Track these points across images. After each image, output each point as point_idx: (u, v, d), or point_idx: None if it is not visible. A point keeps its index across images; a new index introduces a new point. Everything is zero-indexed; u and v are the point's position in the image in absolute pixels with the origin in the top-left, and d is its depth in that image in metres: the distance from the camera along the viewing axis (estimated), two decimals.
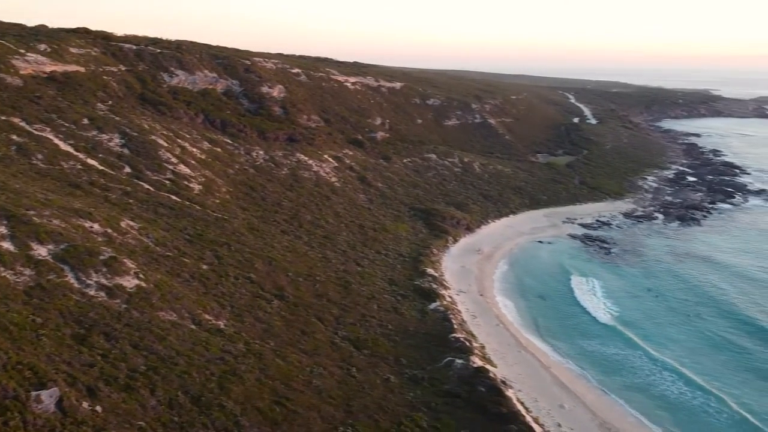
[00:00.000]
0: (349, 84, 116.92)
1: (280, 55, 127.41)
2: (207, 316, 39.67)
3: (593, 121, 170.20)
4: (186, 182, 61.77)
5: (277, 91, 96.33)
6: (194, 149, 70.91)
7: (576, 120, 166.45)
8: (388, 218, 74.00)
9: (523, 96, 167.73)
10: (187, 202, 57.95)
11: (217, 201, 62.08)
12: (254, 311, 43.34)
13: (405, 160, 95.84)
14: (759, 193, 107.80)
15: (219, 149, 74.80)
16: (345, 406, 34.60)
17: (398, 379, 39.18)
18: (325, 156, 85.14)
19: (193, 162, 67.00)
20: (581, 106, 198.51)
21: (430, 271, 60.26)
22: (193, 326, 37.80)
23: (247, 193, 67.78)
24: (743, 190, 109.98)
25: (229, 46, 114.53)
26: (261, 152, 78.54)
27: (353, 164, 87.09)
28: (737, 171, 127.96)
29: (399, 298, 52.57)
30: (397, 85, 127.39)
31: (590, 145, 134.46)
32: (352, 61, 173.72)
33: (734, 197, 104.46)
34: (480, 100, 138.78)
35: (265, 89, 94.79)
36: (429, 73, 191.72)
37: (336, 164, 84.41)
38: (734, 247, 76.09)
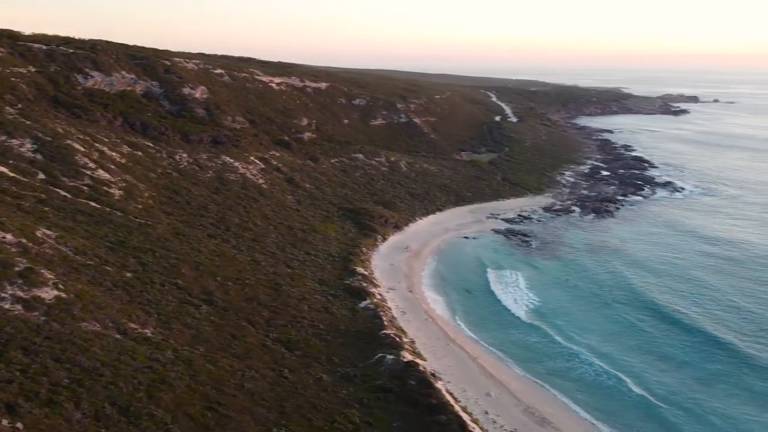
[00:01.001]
0: (274, 84, 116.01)
1: (201, 55, 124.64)
2: (132, 325, 38.80)
3: (514, 119, 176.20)
4: (106, 188, 59.80)
5: (199, 93, 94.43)
6: (113, 153, 68.59)
7: (498, 118, 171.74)
8: (317, 219, 74.27)
9: (447, 95, 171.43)
10: (108, 209, 56.14)
11: (140, 206, 60.44)
12: (182, 317, 42.71)
13: (332, 161, 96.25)
14: (665, 185, 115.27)
15: (140, 153, 72.67)
16: (278, 407, 34.84)
17: (331, 377, 39.73)
18: (252, 158, 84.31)
19: (112, 167, 64.84)
20: (503, 104, 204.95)
21: (359, 269, 61.08)
22: (118, 336, 36.91)
23: (171, 198, 66.28)
24: (651, 182, 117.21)
25: (147, 45, 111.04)
26: (185, 155, 76.89)
27: (280, 165, 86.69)
28: (646, 165, 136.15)
29: (330, 298, 53.06)
30: (323, 85, 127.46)
31: (511, 142, 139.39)
32: (276, 60, 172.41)
33: (644, 189, 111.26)
34: (405, 99, 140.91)
35: (187, 90, 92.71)
36: (353, 73, 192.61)
37: (263, 166, 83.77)
38: (643, 237, 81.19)
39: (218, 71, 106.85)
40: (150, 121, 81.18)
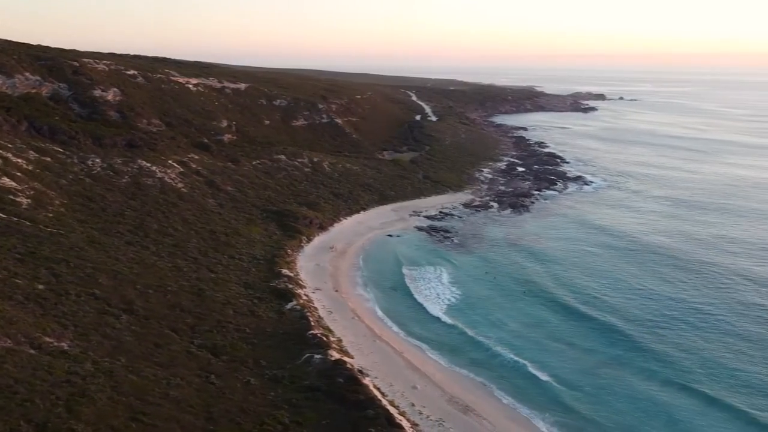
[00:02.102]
0: (190, 86, 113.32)
1: (112, 56, 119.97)
2: (47, 339, 37.38)
3: (434, 118, 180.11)
4: (11, 196, 56.85)
5: (111, 95, 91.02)
6: (19, 160, 65.18)
7: (418, 117, 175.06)
8: (240, 222, 73.48)
9: (367, 95, 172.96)
10: (15, 218, 53.46)
11: (50, 215, 57.86)
12: (101, 328, 41.49)
13: (254, 162, 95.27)
14: (576, 179, 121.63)
15: (49, 158, 69.38)
16: (205, 413, 34.62)
17: (259, 380, 39.79)
18: (170, 161, 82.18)
19: (18, 174, 61.64)
20: (422, 104, 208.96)
21: (285, 271, 61.11)
22: (32, 351, 35.49)
23: (84, 205, 63.78)
24: (564, 177, 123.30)
25: (52, 45, 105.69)
26: (98, 160, 74.04)
27: (200, 168, 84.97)
28: (558, 160, 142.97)
29: (255, 301, 52.87)
30: (242, 86, 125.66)
31: (432, 141, 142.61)
32: (192, 60, 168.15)
33: (556, 184, 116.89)
34: (326, 100, 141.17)
35: (98, 92, 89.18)
36: (273, 73, 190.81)
37: (182, 169, 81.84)
38: (555, 231, 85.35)
39: (131, 72, 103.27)
40: (59, 125, 77.56)
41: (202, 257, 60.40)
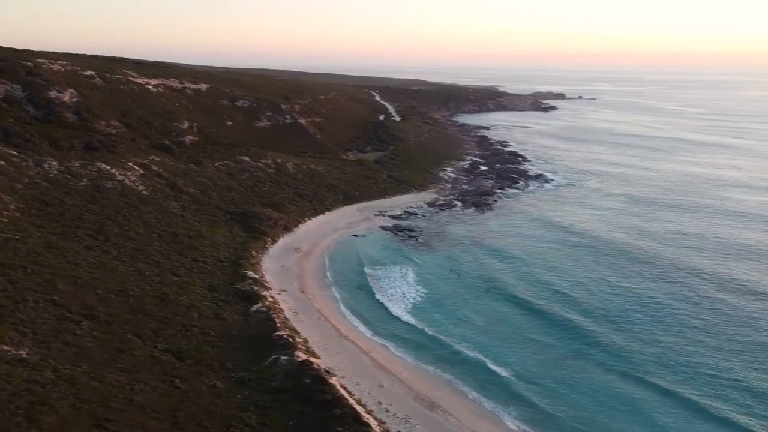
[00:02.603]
0: (150, 86, 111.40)
1: (68, 56, 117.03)
2: (5, 347, 36.52)
3: (397, 118, 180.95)
4: None
5: (68, 96, 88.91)
6: None
7: (382, 117, 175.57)
8: (204, 224, 72.73)
9: (331, 95, 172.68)
10: None
11: (5, 220, 56.35)
12: (62, 335, 40.70)
13: (217, 164, 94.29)
14: (537, 177, 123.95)
15: (2, 162, 67.46)
16: (171, 418, 34.37)
17: (225, 383, 39.64)
18: (130, 164, 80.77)
19: None
20: (386, 103, 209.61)
21: (250, 273, 60.81)
22: None
23: (41, 209, 62.26)
24: (525, 175, 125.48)
25: (4, 45, 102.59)
26: (54, 163, 72.31)
27: (162, 171, 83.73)
28: (520, 159, 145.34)
29: (220, 304, 52.51)
30: (203, 86, 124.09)
31: (396, 141, 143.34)
32: (152, 60, 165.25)
33: (518, 182, 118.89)
34: (289, 100, 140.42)
35: (53, 94, 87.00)
36: (235, 74, 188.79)
37: (143, 172, 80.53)
38: (517, 229, 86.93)
39: (88, 73, 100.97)
40: (12, 128, 75.42)
41: (165, 261, 59.64)
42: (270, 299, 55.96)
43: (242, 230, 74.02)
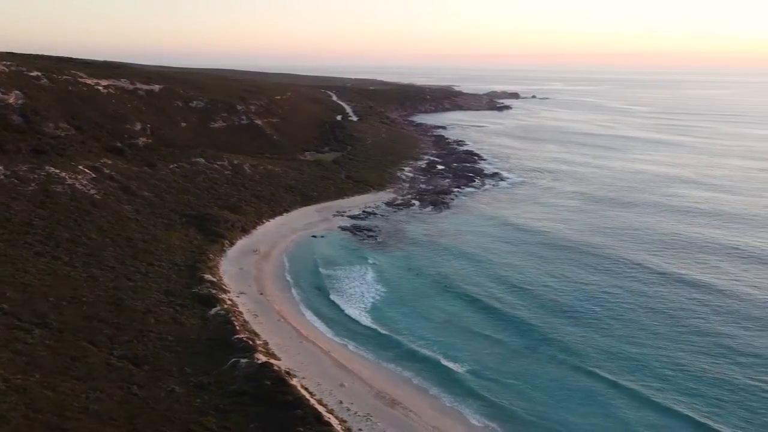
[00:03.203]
0: (101, 87, 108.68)
1: (12, 56, 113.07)
2: None
3: (355, 118, 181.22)
4: None
5: (13, 98, 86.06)
6: None
7: (339, 118, 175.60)
8: (159, 228, 71.54)
9: (287, 95, 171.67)
10: None
11: None
12: (12, 344, 39.64)
13: (172, 166, 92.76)
14: (493, 176, 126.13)
15: None
16: (128, 425, 33.94)
17: (184, 388, 39.29)
18: (80, 167, 78.76)
19: None
20: (343, 104, 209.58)
21: (208, 276, 60.21)
22: None
23: None
24: (481, 174, 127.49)
25: None
26: (0, 167, 69.90)
27: (114, 174, 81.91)
28: (476, 158, 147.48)
29: (178, 308, 51.87)
30: (156, 87, 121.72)
31: (353, 141, 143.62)
32: (101, 60, 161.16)
33: (475, 181, 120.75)
34: (245, 101, 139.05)
35: None
36: (189, 74, 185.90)
37: (94, 175, 78.63)
38: (474, 227, 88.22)
39: (34, 74, 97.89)
40: None
41: (120, 266, 58.50)
42: (228, 302, 55.56)
43: (199, 233, 73.11)
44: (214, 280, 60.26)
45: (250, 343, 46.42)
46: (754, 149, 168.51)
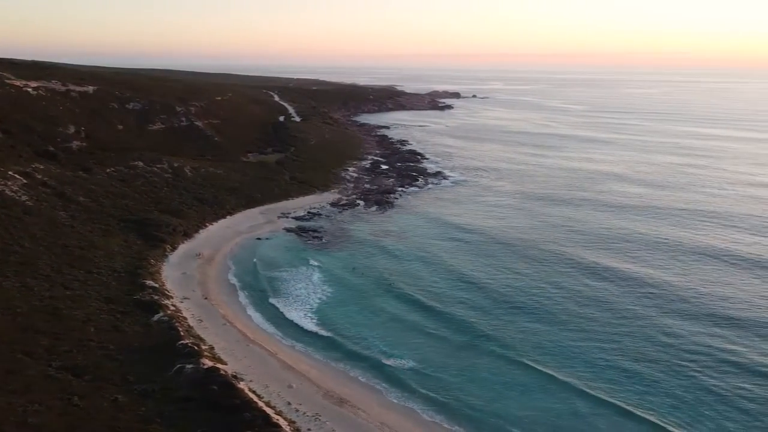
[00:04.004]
0: (30, 89, 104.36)
1: None
2: None
3: (298, 119, 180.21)
4: None
5: None
6: None
7: (282, 118, 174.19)
8: (97, 234, 69.54)
9: (228, 96, 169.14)
10: None
11: None
12: None
13: (109, 170, 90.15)
14: (436, 175, 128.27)
15: None
16: None
17: (127, 397, 38.62)
18: (10, 172, 75.56)
19: None
20: (286, 104, 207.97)
21: (149, 282, 59.07)
22: None
23: None
24: (424, 173, 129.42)
25: None
26: None
27: (47, 179, 78.96)
28: (419, 157, 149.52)
29: (119, 316, 50.76)
30: (90, 88, 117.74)
31: (297, 141, 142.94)
32: (30, 60, 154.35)
33: (418, 180, 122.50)
34: (185, 102, 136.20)
35: None
36: (125, 74, 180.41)
37: (26, 181, 75.61)
38: (417, 226, 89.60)
39: None
40: None
41: (56, 274, 56.66)
42: (172, 308, 54.74)
43: (139, 238, 71.50)
44: (157, 285, 59.18)
45: (196, 348, 45.97)
46: (681, 145, 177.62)
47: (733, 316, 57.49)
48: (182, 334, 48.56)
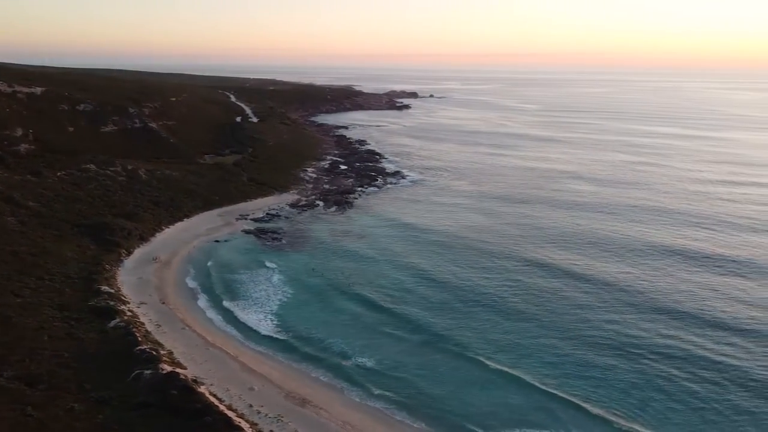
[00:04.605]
0: None
1: None
2: None
3: (255, 120, 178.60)
4: None
5: None
6: None
7: (239, 119, 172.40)
8: (49, 239, 67.70)
9: (183, 97, 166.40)
10: None
11: None
12: None
13: (60, 174, 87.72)
14: (394, 174, 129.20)
15: None
16: None
17: (84, 405, 37.96)
18: None
19: None
20: (242, 105, 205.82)
21: (105, 288, 57.93)
22: None
23: None
24: (383, 173, 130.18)
25: None
26: None
27: None
28: (378, 157, 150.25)
29: (73, 323, 49.66)
30: (38, 89, 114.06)
31: (255, 142, 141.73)
32: None
33: (377, 180, 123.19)
34: (138, 103, 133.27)
35: None
36: (75, 75, 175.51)
37: None
38: (376, 225, 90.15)
39: None
40: None
41: (6, 282, 54.99)
42: (129, 313, 53.83)
43: (93, 243, 69.93)
44: (112, 291, 58.08)
45: (154, 353, 45.41)
46: (631, 143, 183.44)
47: (681, 309, 59.53)
48: (140, 339, 47.87)
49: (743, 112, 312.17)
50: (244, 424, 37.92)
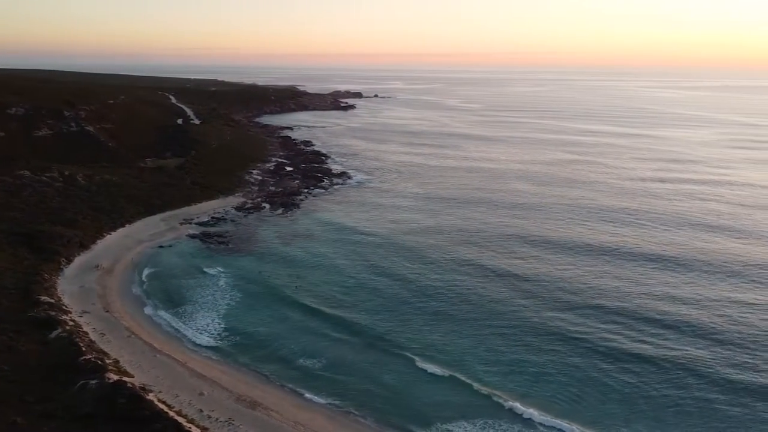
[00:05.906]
0: None
1: None
2: None
3: (197, 121, 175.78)
4: None
5: None
6: None
7: (180, 121, 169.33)
8: None
9: (121, 99, 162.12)
10: None
11: None
12: None
13: None
14: (340, 175, 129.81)
15: None
16: None
17: (26, 418, 37.21)
18: None
19: None
20: (183, 106, 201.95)
21: (44, 298, 56.43)
22: None
23: None
24: (329, 174, 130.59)
25: None
26: None
27: None
28: (324, 158, 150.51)
29: (12, 335, 48.25)
30: None
31: (197, 145, 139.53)
32: None
33: (323, 181, 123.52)
34: (74, 106, 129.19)
35: None
36: (3, 76, 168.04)
37: None
38: (323, 227, 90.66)
39: None
40: None
41: None
42: (71, 323, 52.66)
43: (30, 252, 67.80)
44: (52, 301, 56.63)
45: (99, 362, 44.73)
46: (569, 142, 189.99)
47: (615, 306, 61.90)
48: (84, 349, 47.01)
49: (673, 110, 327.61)
50: (194, 430, 38.01)
